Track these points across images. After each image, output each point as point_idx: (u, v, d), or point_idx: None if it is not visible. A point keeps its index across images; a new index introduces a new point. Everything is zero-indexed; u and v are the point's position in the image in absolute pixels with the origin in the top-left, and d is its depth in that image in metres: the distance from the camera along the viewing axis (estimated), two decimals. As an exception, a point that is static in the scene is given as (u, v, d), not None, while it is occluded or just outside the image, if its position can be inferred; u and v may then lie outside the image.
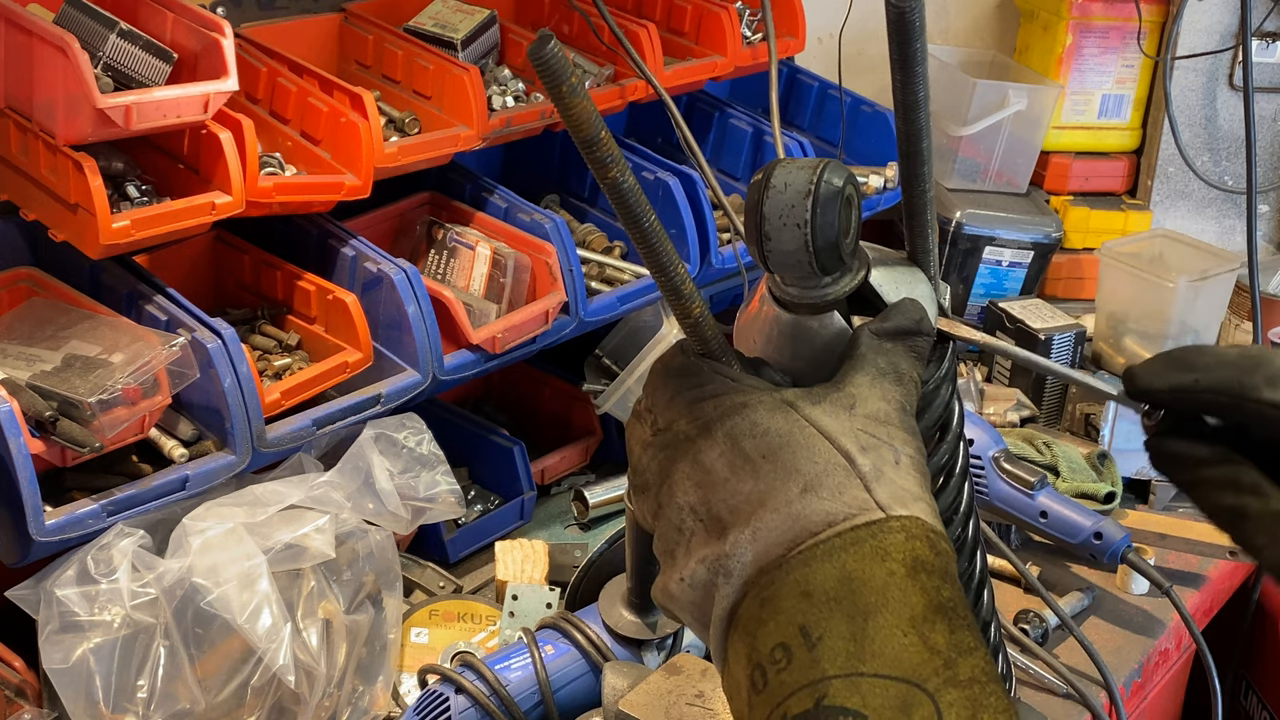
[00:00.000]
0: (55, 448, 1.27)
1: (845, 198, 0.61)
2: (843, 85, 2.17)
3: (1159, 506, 1.88)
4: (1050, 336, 2.04)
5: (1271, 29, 2.38)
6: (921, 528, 0.57)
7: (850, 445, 0.59)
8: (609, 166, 0.56)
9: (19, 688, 1.29)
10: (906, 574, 0.55)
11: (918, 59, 0.61)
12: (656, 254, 0.59)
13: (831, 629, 0.54)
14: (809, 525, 0.57)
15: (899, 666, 0.53)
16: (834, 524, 0.57)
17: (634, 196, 0.57)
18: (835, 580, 0.55)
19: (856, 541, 0.56)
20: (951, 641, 0.54)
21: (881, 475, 0.58)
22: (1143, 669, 1.60)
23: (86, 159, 1.31)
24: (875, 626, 0.54)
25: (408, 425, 1.53)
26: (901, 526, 0.56)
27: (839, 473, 0.58)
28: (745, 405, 0.61)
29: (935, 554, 0.56)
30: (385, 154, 1.56)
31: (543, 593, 1.55)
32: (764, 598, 0.57)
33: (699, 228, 1.85)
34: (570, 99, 0.54)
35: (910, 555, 0.55)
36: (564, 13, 1.94)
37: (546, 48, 0.52)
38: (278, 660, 1.28)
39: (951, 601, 0.55)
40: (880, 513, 0.57)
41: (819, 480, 0.58)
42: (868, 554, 0.55)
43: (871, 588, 0.55)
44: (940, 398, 0.68)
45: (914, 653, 0.53)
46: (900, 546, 0.56)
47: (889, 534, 0.56)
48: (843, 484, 0.57)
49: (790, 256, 0.61)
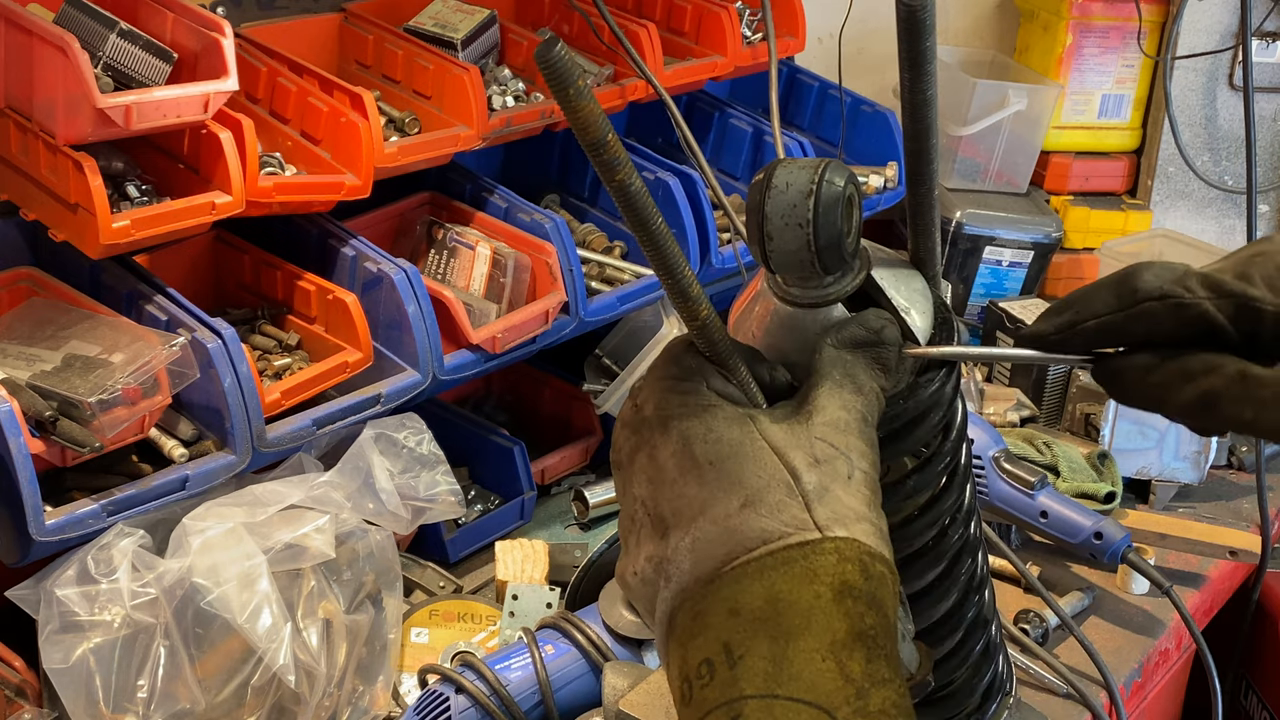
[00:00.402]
0: (55, 448, 1.27)
1: (847, 197, 0.61)
2: (843, 85, 2.17)
3: (1159, 506, 1.88)
4: (1050, 336, 2.03)
5: (1271, 29, 2.38)
6: (856, 550, 0.56)
7: (800, 461, 0.58)
8: (616, 169, 0.56)
9: (19, 688, 1.29)
10: (833, 598, 0.55)
11: (927, 58, 0.61)
12: (664, 256, 0.59)
13: (753, 649, 0.54)
14: (744, 541, 0.57)
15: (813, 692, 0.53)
16: (768, 542, 0.56)
17: (641, 199, 0.57)
18: (763, 600, 0.55)
19: (788, 561, 0.56)
20: (867, 671, 0.54)
21: (826, 493, 0.58)
22: (1143, 669, 1.60)
23: (86, 159, 1.31)
24: (796, 650, 0.54)
25: (408, 425, 1.53)
26: (835, 548, 0.56)
27: (780, 490, 0.57)
28: (706, 409, 0.61)
29: (865, 578, 0.56)
30: (385, 154, 1.56)
31: (543, 593, 1.55)
32: (696, 611, 0.57)
33: (699, 228, 1.85)
34: (577, 102, 0.53)
35: (839, 579, 0.55)
36: (564, 13, 1.94)
37: (554, 50, 0.52)
38: (278, 660, 1.28)
39: (873, 630, 0.55)
40: (816, 533, 0.56)
41: (759, 496, 0.57)
42: (797, 575, 0.55)
43: (797, 610, 0.55)
44: (944, 397, 0.68)
45: (829, 679, 0.53)
46: (830, 569, 0.55)
47: (821, 555, 0.56)
48: (783, 502, 0.57)
49: (793, 257, 0.61)
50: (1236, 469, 2.02)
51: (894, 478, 0.70)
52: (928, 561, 0.74)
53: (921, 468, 0.70)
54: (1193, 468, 1.86)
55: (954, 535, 0.75)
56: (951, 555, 0.75)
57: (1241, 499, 1.94)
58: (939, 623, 0.77)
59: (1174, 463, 1.86)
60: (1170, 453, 1.86)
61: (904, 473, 0.70)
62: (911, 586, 0.74)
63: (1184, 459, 1.86)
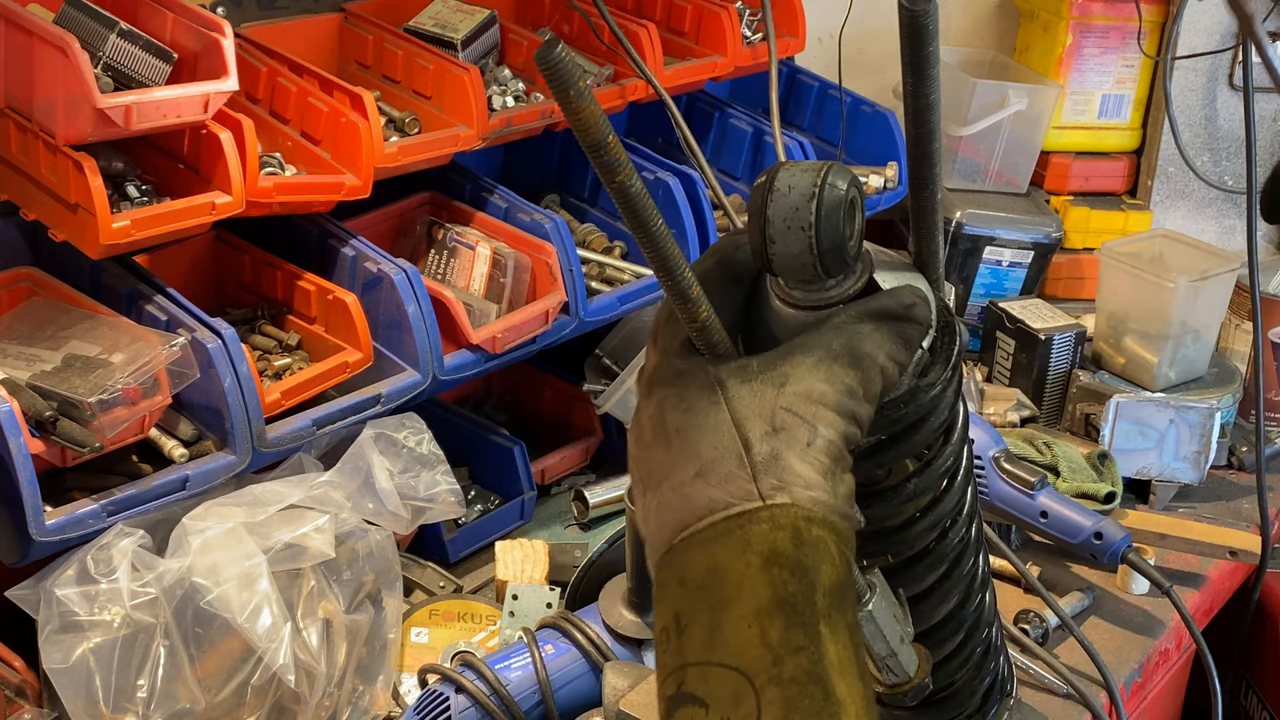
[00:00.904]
0: (55, 448, 1.27)
1: (849, 200, 0.61)
2: (843, 85, 2.17)
3: (1159, 506, 1.88)
4: (1050, 336, 2.04)
5: (1272, 29, 2.38)
6: (791, 516, 0.58)
7: (756, 430, 0.59)
8: (616, 171, 0.56)
9: (19, 688, 1.29)
10: (761, 566, 0.57)
11: (930, 62, 0.61)
12: (664, 258, 0.59)
13: (696, 618, 0.57)
14: (694, 510, 0.59)
15: (739, 658, 0.55)
16: (714, 512, 0.59)
17: (641, 201, 0.57)
18: (704, 570, 0.58)
19: (726, 532, 0.58)
20: (784, 639, 0.56)
21: (776, 461, 0.59)
22: (1143, 669, 1.60)
23: (86, 159, 1.31)
24: (728, 617, 0.56)
25: (408, 425, 1.53)
26: (769, 517, 0.58)
27: (731, 461, 0.59)
28: (681, 375, 0.63)
29: (796, 544, 0.57)
30: (385, 154, 1.56)
31: (543, 592, 1.55)
32: (659, 580, 0.60)
33: (699, 228, 1.85)
34: (578, 103, 0.53)
35: (769, 547, 0.57)
36: (564, 13, 1.94)
37: (554, 52, 0.52)
38: (278, 660, 1.28)
39: (794, 597, 0.56)
40: (758, 502, 0.58)
41: (711, 466, 0.60)
42: (733, 545, 0.58)
43: (731, 579, 0.57)
44: (945, 400, 0.68)
45: (752, 646, 0.56)
46: (762, 538, 0.57)
47: (755, 525, 0.58)
48: (731, 473, 0.59)
49: (795, 260, 0.61)
50: (1236, 469, 2.02)
51: (895, 481, 0.70)
52: (929, 563, 0.74)
53: (922, 470, 0.70)
54: (1193, 468, 1.86)
55: (955, 537, 0.75)
56: (952, 557, 0.75)
57: (1241, 499, 1.94)
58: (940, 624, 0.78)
59: (1174, 463, 1.86)
60: (1170, 453, 1.86)
61: (905, 475, 0.70)
62: (913, 588, 0.74)
63: (1184, 459, 1.86)
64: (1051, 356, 2.04)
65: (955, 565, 0.76)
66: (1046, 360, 2.04)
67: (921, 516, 0.72)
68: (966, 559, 0.77)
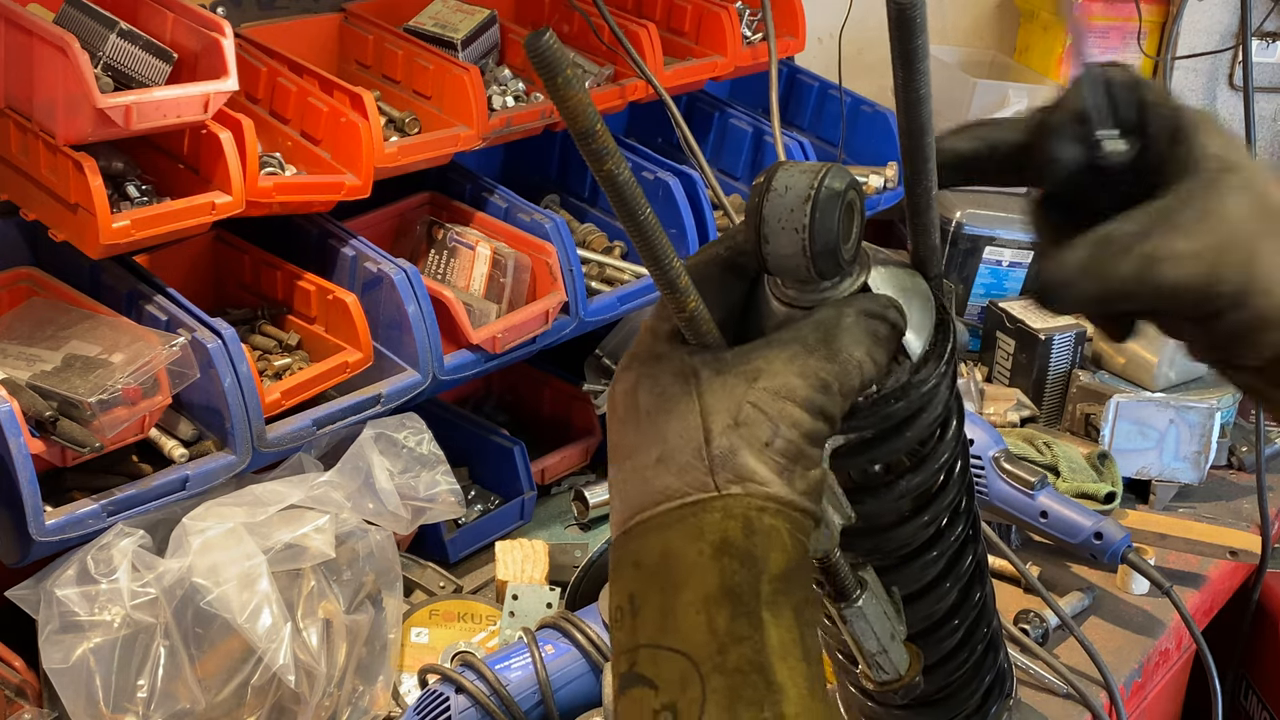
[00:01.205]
0: (55, 448, 1.27)
1: (846, 203, 0.61)
2: (843, 85, 2.17)
3: (1159, 506, 1.88)
4: (1050, 336, 2.04)
5: (1271, 29, 2.38)
6: (744, 506, 0.59)
7: (719, 423, 0.60)
8: (605, 159, 0.56)
9: (19, 688, 1.29)
10: (712, 554, 0.58)
11: (920, 56, 0.61)
12: (652, 248, 0.59)
13: (649, 600, 0.59)
14: (652, 494, 0.60)
15: (687, 643, 0.57)
16: (670, 499, 0.60)
17: (630, 190, 0.57)
18: (658, 555, 0.59)
19: (680, 519, 0.59)
20: (729, 628, 0.57)
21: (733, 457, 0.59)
22: (1143, 669, 1.60)
23: (86, 159, 1.31)
24: (679, 602, 0.58)
25: (408, 425, 1.53)
26: (722, 506, 0.59)
27: (690, 451, 0.60)
28: (659, 358, 0.63)
29: (747, 534, 0.58)
30: (385, 154, 1.56)
31: (543, 592, 1.55)
32: (615, 559, 0.61)
33: (699, 228, 1.85)
34: (565, 90, 0.54)
35: (720, 535, 0.58)
36: (564, 12, 1.94)
37: (542, 39, 0.52)
38: (278, 660, 1.28)
39: (739, 587, 0.57)
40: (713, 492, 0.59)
41: (671, 454, 0.60)
42: (687, 532, 0.59)
43: (683, 565, 0.58)
44: (940, 395, 0.67)
45: (700, 633, 0.57)
46: (714, 526, 0.58)
47: (708, 514, 0.59)
48: (689, 463, 0.60)
49: (788, 260, 0.61)
50: (1236, 469, 2.02)
51: (890, 476, 0.70)
52: (925, 561, 0.74)
53: (917, 466, 0.70)
54: (1193, 468, 1.86)
55: (952, 534, 0.75)
56: (950, 555, 0.75)
57: (1241, 499, 1.94)
58: (938, 623, 0.77)
59: (1174, 463, 1.86)
60: (1170, 453, 1.86)
61: (900, 471, 0.70)
62: (909, 586, 0.74)
63: (1184, 459, 1.86)
64: (1051, 356, 2.04)
65: (953, 563, 0.76)
66: (1046, 360, 2.04)
67: (917, 513, 0.72)
68: (964, 556, 0.77)
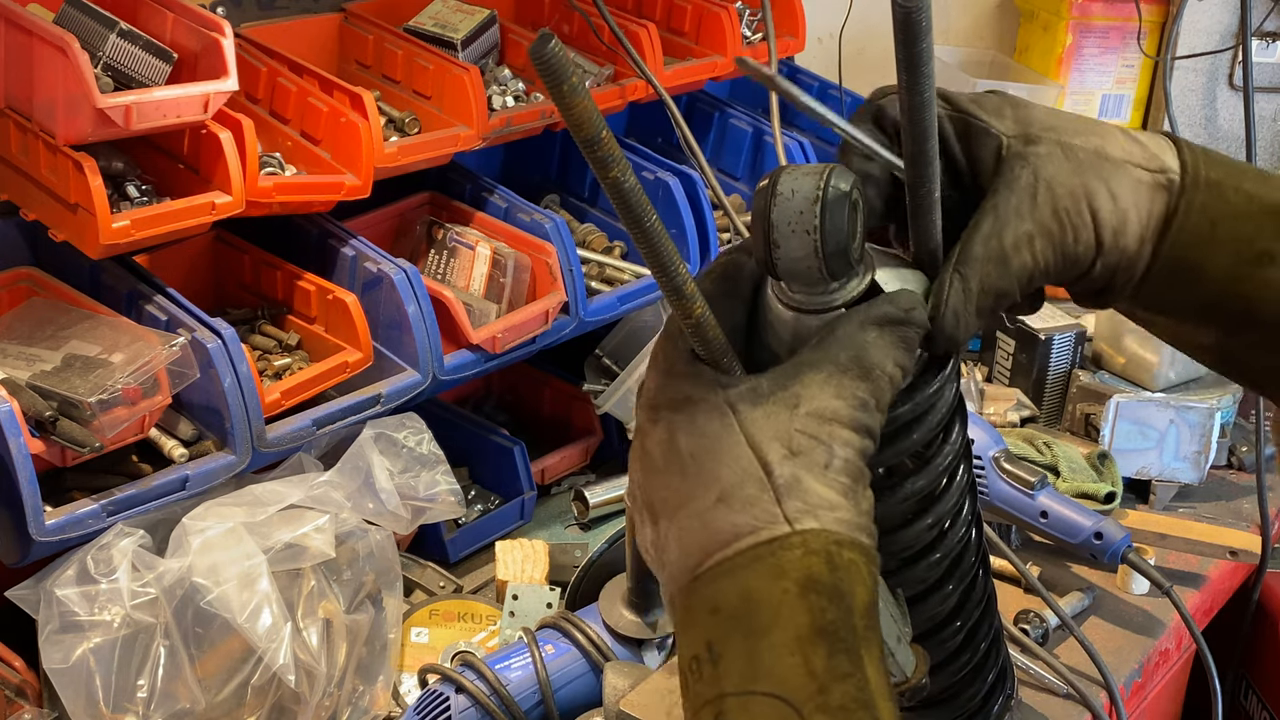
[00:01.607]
0: (55, 448, 1.27)
1: (852, 202, 0.61)
2: (843, 85, 2.17)
3: (1159, 506, 1.88)
4: (1050, 336, 2.04)
5: (1271, 29, 2.38)
6: (823, 540, 0.58)
7: (774, 453, 0.59)
8: (610, 166, 0.56)
9: (19, 688, 1.29)
10: (798, 593, 0.57)
11: (924, 59, 0.61)
12: (658, 254, 0.59)
13: (731, 647, 0.57)
14: (720, 536, 0.59)
15: (783, 686, 0.55)
16: (741, 537, 0.58)
17: (635, 196, 0.57)
18: (737, 597, 0.57)
19: (758, 559, 0.58)
20: (828, 666, 0.55)
21: (798, 484, 0.58)
22: (1143, 669, 1.60)
23: (86, 159, 1.31)
24: (767, 645, 0.56)
25: (408, 425, 1.53)
26: (801, 542, 0.57)
27: (752, 484, 0.59)
28: (689, 401, 0.62)
29: (831, 570, 0.57)
30: (385, 154, 1.56)
31: (543, 592, 1.55)
32: (686, 606, 0.60)
33: (699, 228, 1.85)
34: (571, 98, 0.53)
35: (804, 573, 0.57)
36: (564, 13, 1.94)
37: (547, 47, 0.52)
38: (278, 660, 1.28)
39: (834, 624, 0.56)
40: (786, 526, 0.58)
41: (732, 491, 0.59)
42: (766, 572, 0.57)
43: (767, 606, 0.57)
44: (944, 398, 0.68)
45: (796, 674, 0.55)
46: (796, 564, 0.57)
47: (788, 550, 0.57)
48: (754, 496, 0.59)
49: (800, 263, 0.61)
50: (1236, 469, 2.02)
51: (894, 479, 0.70)
52: (929, 562, 0.74)
53: (921, 469, 0.70)
54: (1193, 468, 1.86)
55: (955, 536, 0.75)
56: (953, 556, 0.75)
57: (1241, 499, 1.94)
58: (941, 624, 0.77)
59: (1174, 463, 1.86)
60: (1170, 453, 1.86)
61: (904, 474, 0.70)
62: (913, 588, 0.74)
63: (1184, 459, 1.86)
64: (1051, 356, 2.04)
65: (956, 564, 0.76)
66: (1046, 360, 2.04)
67: (921, 515, 0.72)
68: (967, 558, 0.77)
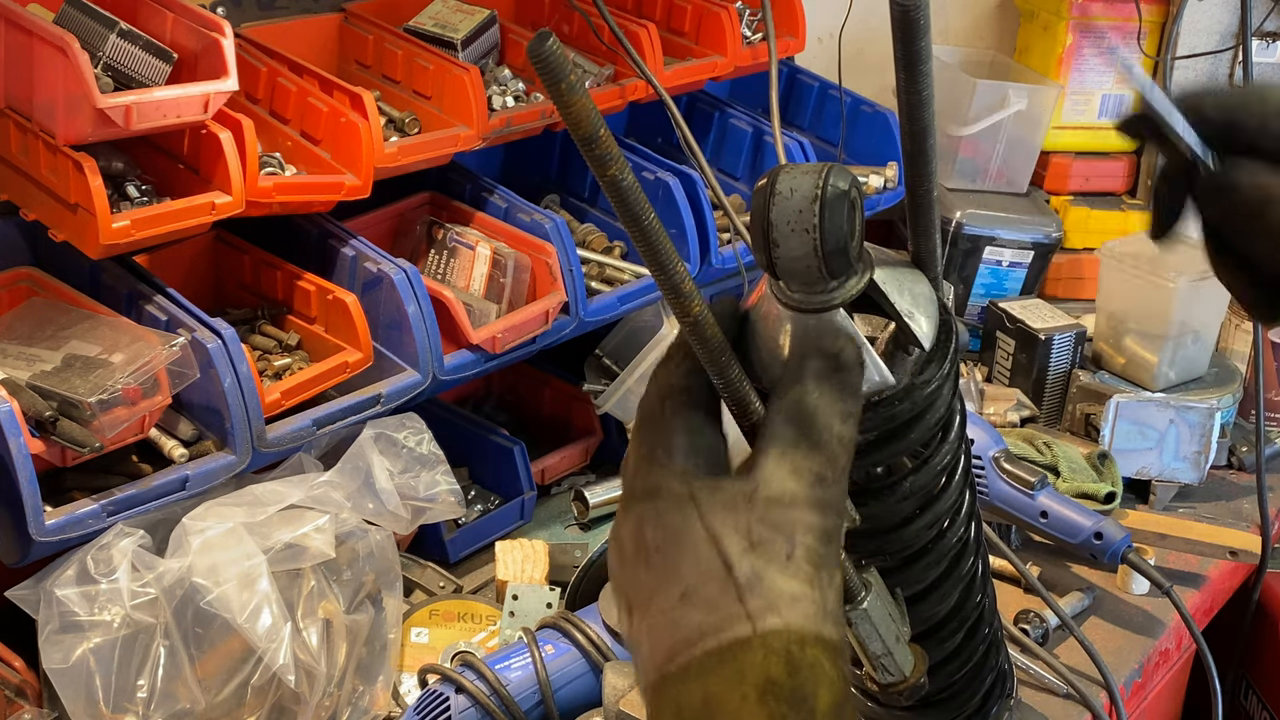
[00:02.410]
0: (55, 448, 1.27)
1: (851, 201, 0.61)
2: (843, 85, 2.17)
3: (1159, 506, 1.88)
4: (1050, 336, 2.04)
5: (1271, 29, 2.38)
6: (784, 640, 0.57)
7: (735, 546, 0.59)
8: (608, 164, 0.56)
9: (19, 688, 1.29)
10: (757, 699, 0.56)
11: (923, 57, 0.61)
12: (656, 252, 0.59)
13: None
14: (685, 635, 0.58)
15: None
16: (705, 637, 0.58)
17: (633, 194, 0.57)
18: (700, 701, 0.57)
19: (721, 662, 0.57)
20: None
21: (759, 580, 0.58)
22: (1143, 669, 1.60)
23: (86, 159, 1.31)
24: None
25: (408, 425, 1.53)
26: (762, 643, 0.57)
27: (714, 583, 0.58)
28: (655, 492, 0.61)
29: (790, 673, 0.57)
30: (385, 154, 1.56)
31: (543, 593, 1.55)
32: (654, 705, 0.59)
33: (699, 228, 1.85)
34: (569, 96, 0.54)
35: (763, 677, 0.56)
36: (564, 13, 1.94)
37: (545, 45, 0.52)
38: (278, 660, 1.28)
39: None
40: (748, 626, 0.57)
41: (695, 589, 0.59)
42: (728, 676, 0.57)
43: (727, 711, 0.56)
44: (942, 397, 0.68)
45: None
46: (756, 667, 0.57)
47: (748, 653, 0.57)
48: (715, 597, 0.58)
49: (799, 262, 0.61)
50: (1236, 469, 2.02)
51: (892, 478, 0.70)
52: (927, 562, 0.74)
53: (920, 468, 0.70)
54: (1193, 468, 1.86)
55: (953, 535, 0.75)
56: (952, 555, 0.75)
57: (1241, 499, 1.94)
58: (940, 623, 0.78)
59: (1174, 463, 1.86)
60: (1170, 453, 1.86)
61: (902, 473, 0.70)
62: (912, 587, 0.74)
63: (1184, 459, 1.86)
64: (1051, 356, 2.04)
65: (955, 564, 0.76)
66: (1046, 360, 2.04)
67: (919, 514, 0.72)
68: (966, 557, 0.77)
